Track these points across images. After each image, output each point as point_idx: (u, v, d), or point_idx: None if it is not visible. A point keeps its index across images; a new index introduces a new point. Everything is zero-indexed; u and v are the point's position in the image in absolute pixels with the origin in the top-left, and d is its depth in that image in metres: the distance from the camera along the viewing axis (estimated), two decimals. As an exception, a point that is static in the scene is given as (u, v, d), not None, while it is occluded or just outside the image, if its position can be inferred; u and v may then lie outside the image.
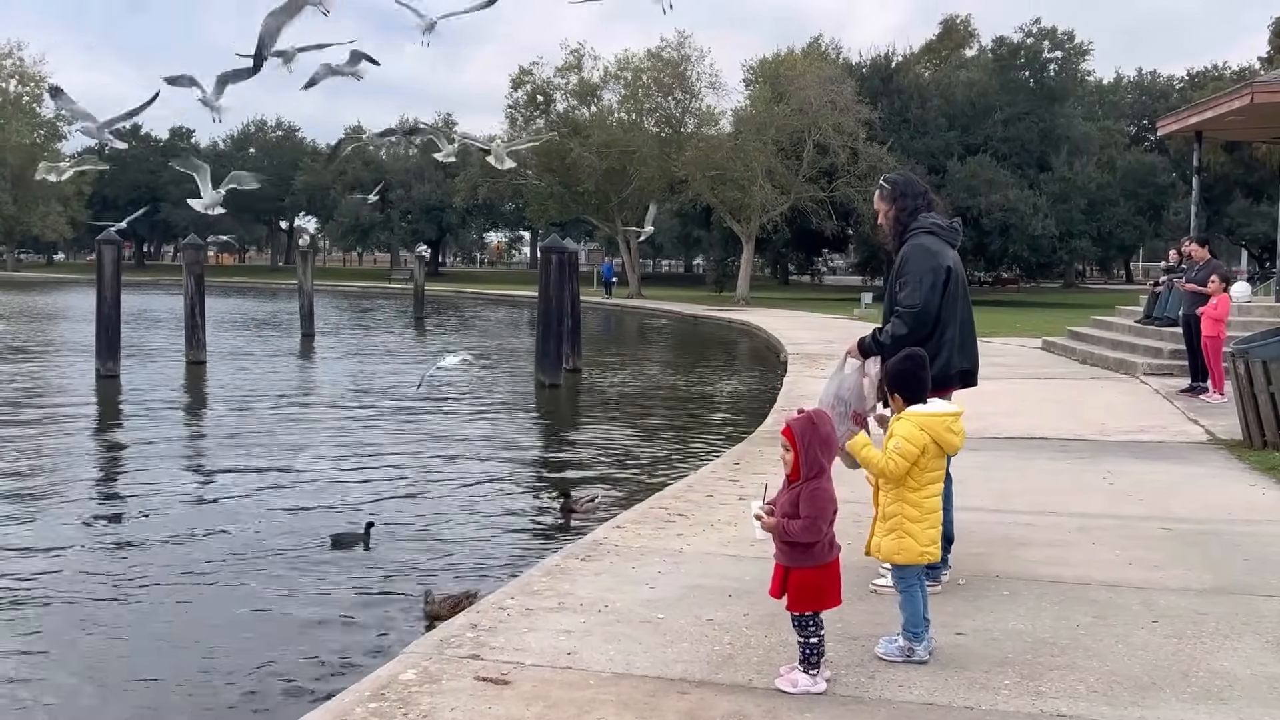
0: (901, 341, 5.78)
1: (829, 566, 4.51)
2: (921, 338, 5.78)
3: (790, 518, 4.44)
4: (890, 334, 5.93)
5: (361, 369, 24.81)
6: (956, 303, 6.00)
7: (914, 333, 5.83)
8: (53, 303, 52.11)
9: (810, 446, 4.45)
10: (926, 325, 5.88)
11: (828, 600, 4.52)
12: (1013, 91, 58.69)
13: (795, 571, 4.48)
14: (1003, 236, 52.86)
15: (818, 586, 4.48)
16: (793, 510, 4.45)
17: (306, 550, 8.98)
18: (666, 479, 10.53)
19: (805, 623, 4.50)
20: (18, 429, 15.38)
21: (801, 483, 4.47)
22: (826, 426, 4.52)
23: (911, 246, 6.00)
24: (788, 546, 4.48)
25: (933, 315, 5.89)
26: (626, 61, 58.73)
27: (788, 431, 4.52)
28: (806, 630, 4.50)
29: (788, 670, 4.56)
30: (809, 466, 4.46)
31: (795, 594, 4.48)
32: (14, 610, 7.46)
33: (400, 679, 4.64)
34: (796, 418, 4.54)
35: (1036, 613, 5.54)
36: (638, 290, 60.76)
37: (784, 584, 4.52)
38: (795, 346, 25.04)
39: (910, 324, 5.87)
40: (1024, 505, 8.11)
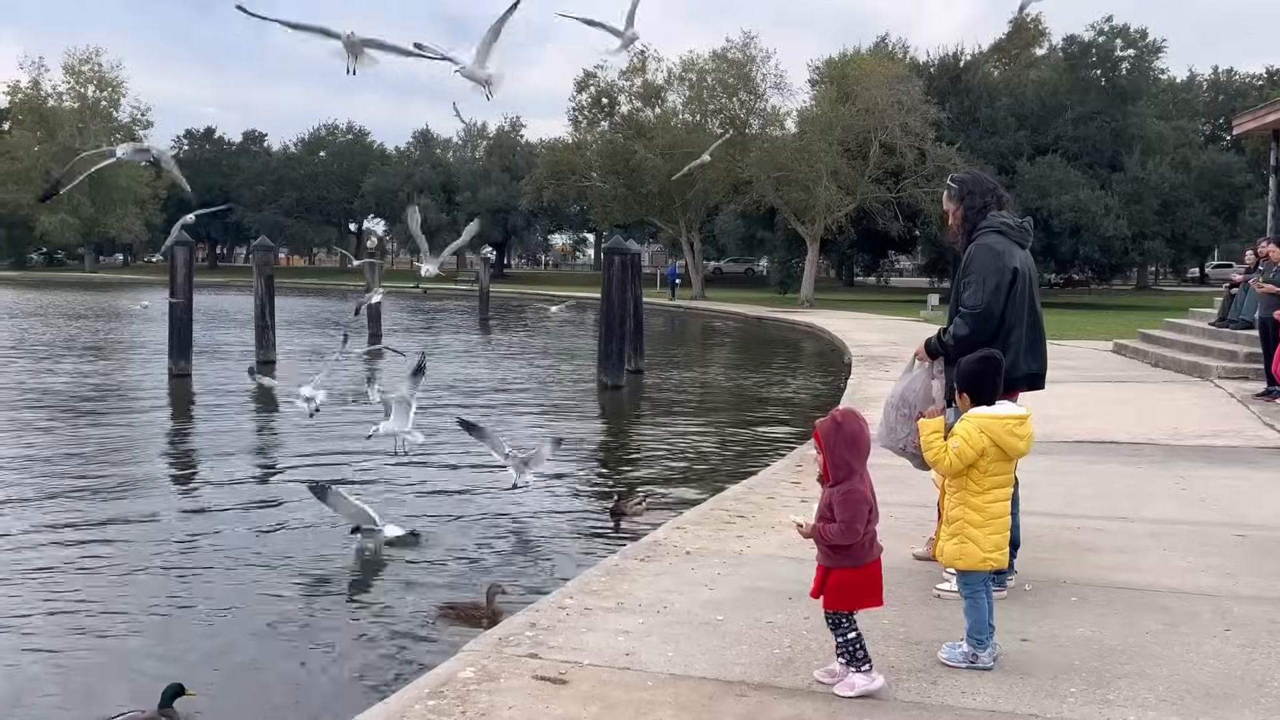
0: (963, 343, 5.68)
1: (868, 567, 4.46)
2: (985, 339, 5.68)
3: (826, 520, 4.40)
4: (952, 335, 5.84)
5: (426, 367, 24.96)
6: (1024, 304, 5.89)
7: (975, 334, 5.73)
8: (128, 303, 53.22)
9: (836, 448, 4.40)
10: (990, 327, 5.78)
11: (866, 600, 4.47)
12: (1084, 90, 57.66)
13: (834, 572, 4.44)
14: (1073, 238, 51.95)
15: (856, 586, 4.43)
16: (828, 512, 4.41)
17: (355, 547, 9.05)
18: (727, 480, 10.47)
19: (839, 620, 4.45)
20: (90, 427, 15.70)
21: (832, 485, 4.42)
22: (852, 426, 4.45)
23: (977, 246, 5.90)
24: (828, 548, 4.43)
25: (996, 317, 5.79)
26: (691, 63, 58.67)
27: (815, 433, 4.50)
28: (841, 627, 4.45)
29: (840, 672, 4.50)
30: (837, 468, 4.42)
31: (832, 593, 4.43)
32: (86, 599, 7.61)
33: (459, 677, 4.65)
34: (823, 419, 4.50)
35: (1105, 619, 5.42)
36: (701, 292, 60.64)
37: (824, 584, 4.47)
38: (860, 348, 24.83)
39: (971, 325, 5.78)
40: (1093, 510, 7.95)
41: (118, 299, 57.64)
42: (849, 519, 4.36)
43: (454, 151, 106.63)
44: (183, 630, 7.14)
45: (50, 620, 7.30)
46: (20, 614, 7.40)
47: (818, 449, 4.49)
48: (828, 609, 4.46)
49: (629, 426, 16.69)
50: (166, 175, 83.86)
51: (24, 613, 7.44)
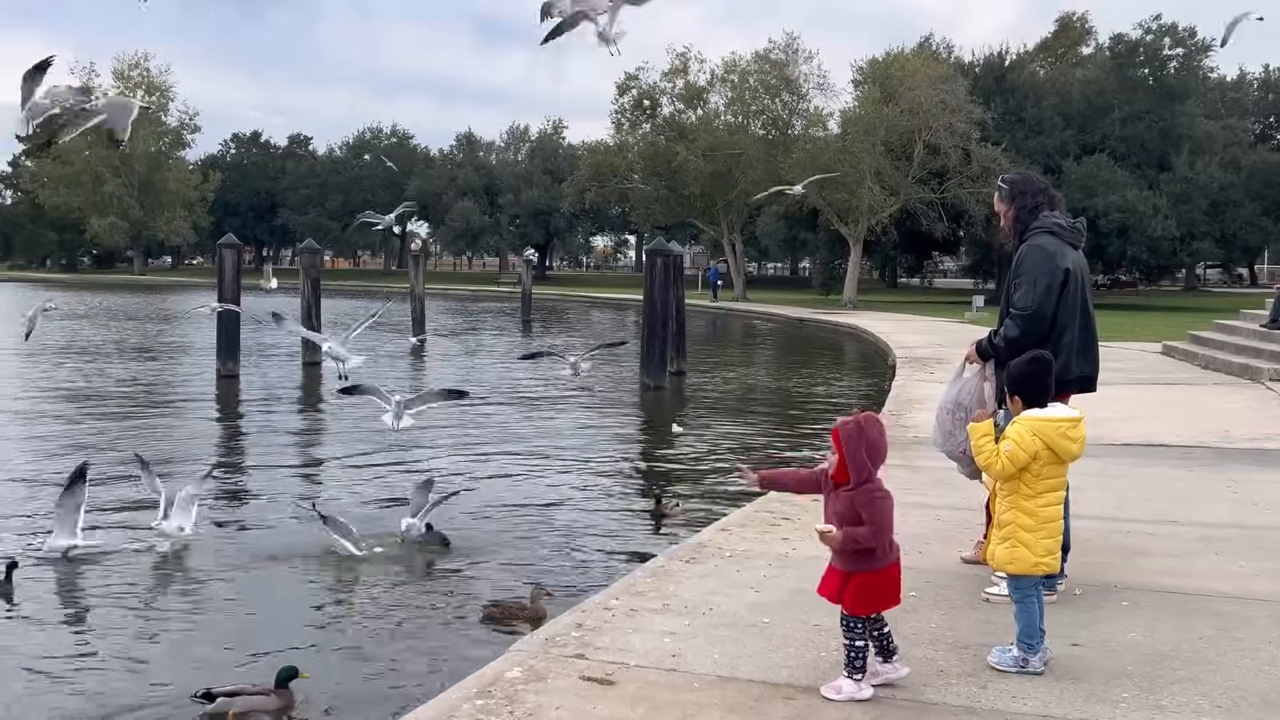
0: (1014, 344, 5.63)
1: (889, 569, 4.43)
2: (1036, 341, 5.62)
3: (849, 521, 4.37)
4: (1003, 337, 5.79)
5: (470, 370, 25.15)
6: (1076, 305, 5.83)
7: (1026, 336, 5.68)
8: (176, 305, 53.88)
9: (858, 451, 4.38)
10: (1041, 328, 5.72)
11: (885, 602, 4.45)
12: (1131, 90, 56.99)
13: (857, 575, 4.40)
14: (1120, 238, 51.35)
15: (875, 589, 4.40)
16: (852, 516, 4.37)
17: (407, 545, 9.11)
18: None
19: (854, 625, 4.42)
20: (140, 424, 15.91)
21: (852, 488, 4.39)
22: (873, 433, 4.42)
23: (1029, 247, 5.85)
24: (850, 552, 4.41)
25: (1047, 318, 5.73)
26: (733, 64, 58.59)
27: (834, 434, 4.47)
28: (854, 633, 4.42)
29: (880, 671, 4.50)
30: (857, 470, 4.38)
31: (855, 597, 4.40)
32: (135, 586, 7.72)
33: (506, 676, 4.67)
34: (844, 421, 4.47)
35: (1156, 624, 5.35)
36: (743, 293, 60.53)
37: (840, 587, 4.44)
38: (904, 350, 24.67)
39: (1022, 327, 5.73)
40: (1143, 514, 7.85)
41: (169, 301, 58.38)
42: (879, 520, 4.34)
43: (496, 154, 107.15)
44: (225, 627, 7.22)
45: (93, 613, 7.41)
46: (82, 602, 7.52)
47: (834, 449, 4.46)
48: (853, 613, 4.43)
49: (671, 428, 16.69)
50: (212, 179, 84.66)
51: (85, 602, 7.56)
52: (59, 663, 6.59)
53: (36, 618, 7.46)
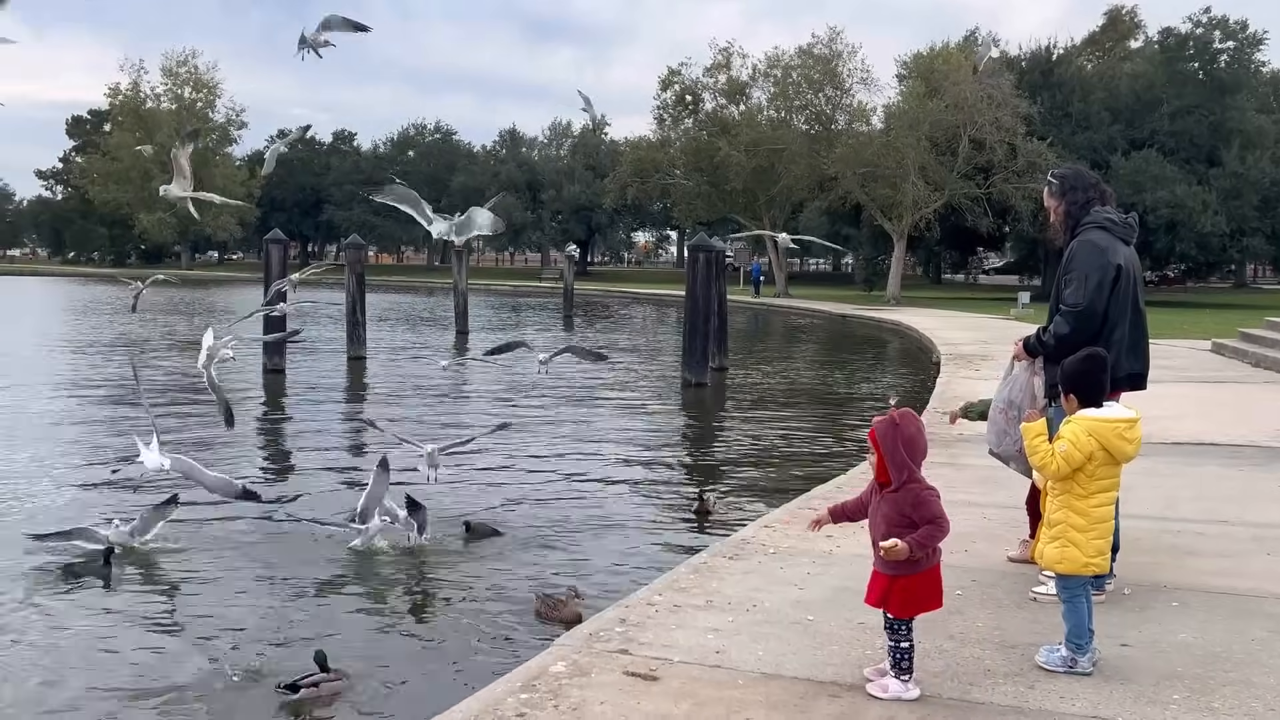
0: (1064, 341, 5.57)
1: (932, 571, 4.39)
2: (1087, 338, 5.55)
3: (899, 525, 4.32)
4: (1053, 334, 5.72)
5: (512, 366, 25.22)
6: (1128, 302, 5.76)
7: (1077, 333, 5.61)
8: (224, 299, 54.50)
9: (895, 449, 4.32)
10: (1092, 325, 5.65)
11: (929, 604, 4.41)
12: (1180, 84, 56.24)
13: (901, 579, 4.36)
14: (1169, 234, 50.70)
15: (919, 591, 4.36)
16: (898, 517, 4.31)
17: (448, 540, 9.16)
18: (815, 479, 10.40)
19: (899, 627, 4.38)
20: (188, 418, 16.09)
21: (896, 489, 4.34)
22: (910, 428, 4.36)
23: (1080, 242, 5.78)
24: (929, 548, 4.35)
25: (1098, 315, 5.66)
26: (776, 59, 58.39)
27: (870, 434, 4.42)
28: (899, 634, 4.38)
29: (877, 675, 4.46)
30: (898, 470, 4.33)
31: (901, 600, 4.36)
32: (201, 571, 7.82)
33: (550, 671, 4.69)
34: (879, 419, 4.43)
35: (1208, 625, 5.28)
36: (785, 289, 60.32)
37: (885, 591, 4.39)
38: (948, 347, 24.48)
39: (1073, 324, 5.66)
40: (1193, 513, 7.75)
41: (215, 295, 59.04)
42: (935, 515, 4.29)
43: (539, 150, 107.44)
44: (273, 618, 7.29)
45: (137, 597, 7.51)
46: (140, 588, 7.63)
47: (872, 450, 4.42)
48: (897, 616, 4.39)
49: (713, 424, 16.66)
50: (259, 176, 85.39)
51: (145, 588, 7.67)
52: (135, 650, 6.69)
53: (118, 605, 7.57)
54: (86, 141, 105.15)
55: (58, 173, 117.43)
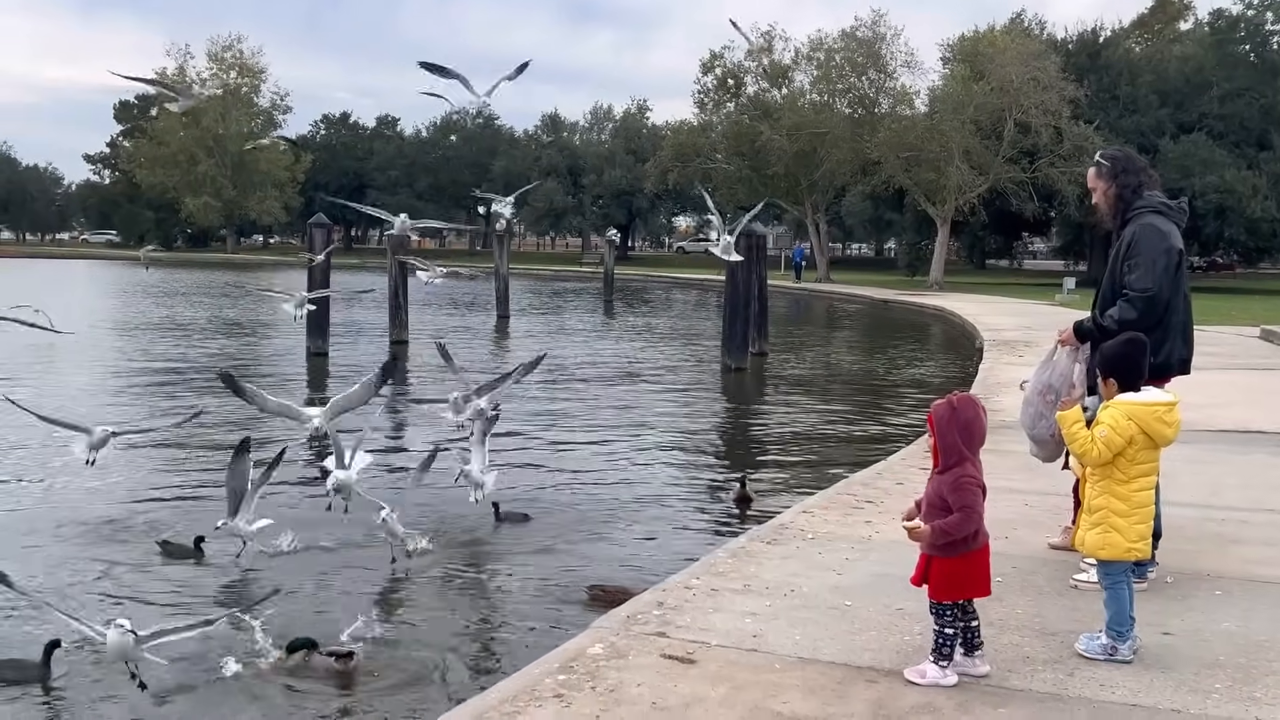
0: (1129, 327, 5.51)
1: (973, 556, 4.35)
2: (1152, 323, 5.51)
3: (936, 507, 4.30)
4: (1117, 319, 5.63)
5: (552, 349, 25.30)
6: (1181, 288, 5.72)
7: (1144, 318, 5.55)
8: (270, 282, 54.98)
9: (949, 432, 4.32)
10: (1157, 310, 5.61)
11: (972, 590, 4.38)
12: (1231, 66, 55.30)
13: (938, 561, 4.35)
14: (1218, 219, 49.92)
15: (960, 575, 4.34)
16: (937, 500, 4.32)
17: (486, 521, 9.21)
18: (855, 465, 10.37)
19: (943, 611, 4.36)
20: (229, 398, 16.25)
21: (942, 471, 4.33)
22: (968, 412, 4.35)
23: (1142, 226, 5.71)
24: (957, 536, 4.34)
25: (1165, 300, 5.62)
26: (819, 42, 57.98)
27: (929, 417, 4.42)
28: (943, 619, 4.36)
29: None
30: (947, 453, 4.33)
31: (937, 583, 4.35)
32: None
33: (588, 653, 4.72)
34: (938, 402, 4.41)
35: (1251, 614, 5.22)
36: (826, 275, 60.01)
37: (923, 573, 4.40)
38: (991, 332, 24.29)
39: (1141, 308, 5.59)
40: (1238, 501, 7.66)
41: (260, 279, 59.58)
42: (967, 504, 4.27)
43: (580, 134, 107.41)
44: (310, 601, 7.38)
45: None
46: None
47: (930, 433, 4.42)
48: (935, 599, 4.38)
49: (752, 408, 16.64)
50: (304, 160, 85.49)
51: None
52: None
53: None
54: (134, 126, 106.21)
55: (105, 157, 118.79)
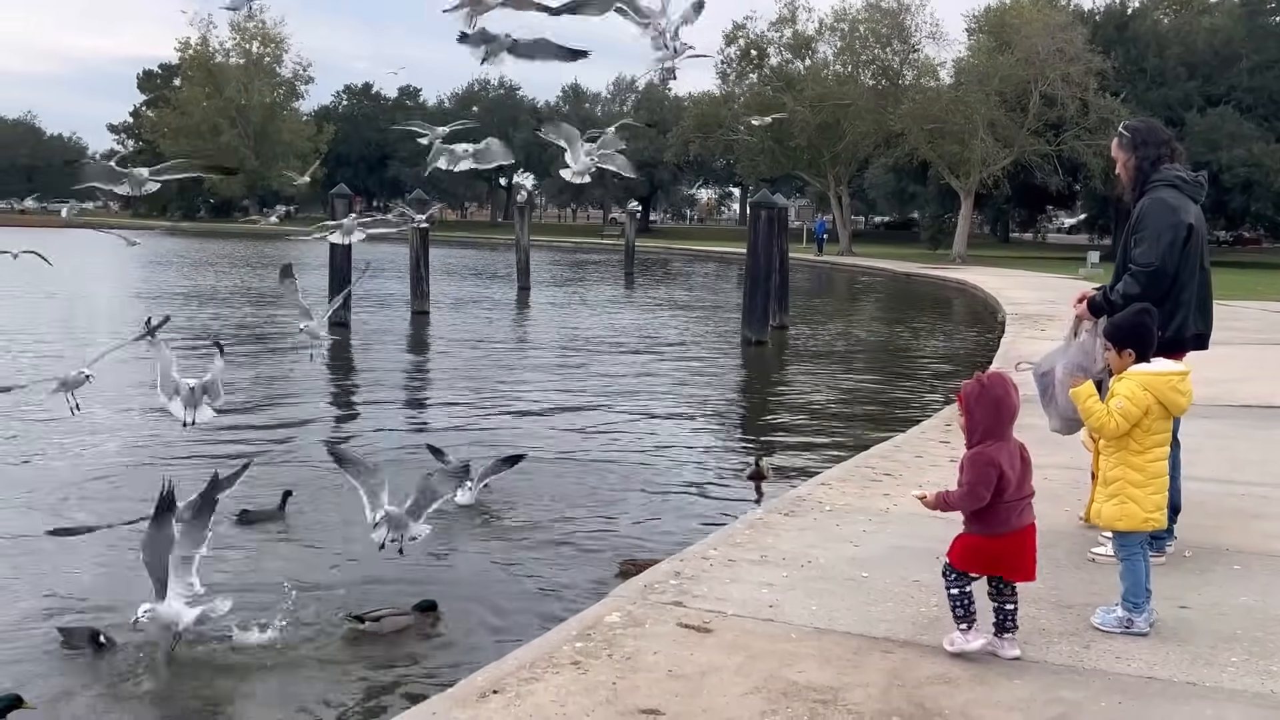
0: (1133, 301, 5.49)
1: (1005, 539, 4.32)
2: (1157, 298, 5.48)
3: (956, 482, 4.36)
4: (1122, 292, 5.63)
5: (573, 321, 25.34)
6: (1197, 262, 5.68)
7: (1147, 292, 5.52)
8: (289, 253, 55.22)
9: (976, 410, 4.32)
10: (1162, 285, 5.57)
11: (996, 568, 4.35)
12: (1261, 38, 54.64)
13: (963, 536, 4.38)
14: (1245, 194, 49.48)
15: (983, 553, 4.33)
16: (958, 476, 4.35)
17: (500, 487, 9.25)
18: (874, 438, 10.36)
19: (948, 573, 4.37)
20: (255, 368, 16.39)
21: (968, 447, 4.35)
22: (997, 390, 4.33)
23: (1151, 200, 5.68)
24: (967, 511, 4.36)
25: (1170, 275, 5.59)
26: (843, 13, 57.58)
27: (959, 395, 4.43)
28: (948, 581, 4.37)
29: (994, 640, 4.46)
30: (972, 431, 4.34)
31: (959, 554, 4.37)
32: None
33: (605, 621, 4.75)
34: (967, 381, 4.42)
35: (1270, 588, 5.21)
36: (849, 247, 59.79)
37: (953, 541, 4.44)
38: (1014, 306, 24.18)
39: (1144, 283, 5.57)
40: (1259, 476, 7.63)
41: (281, 249, 59.78)
42: (972, 481, 4.27)
43: (602, 106, 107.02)
44: (327, 566, 7.45)
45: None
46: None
47: (961, 411, 4.42)
48: (947, 559, 4.40)
49: (772, 381, 16.64)
50: (326, 131, 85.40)
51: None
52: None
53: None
54: (157, 96, 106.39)
55: (129, 126, 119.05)
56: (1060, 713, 3.91)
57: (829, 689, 4.08)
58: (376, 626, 6.15)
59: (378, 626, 6.15)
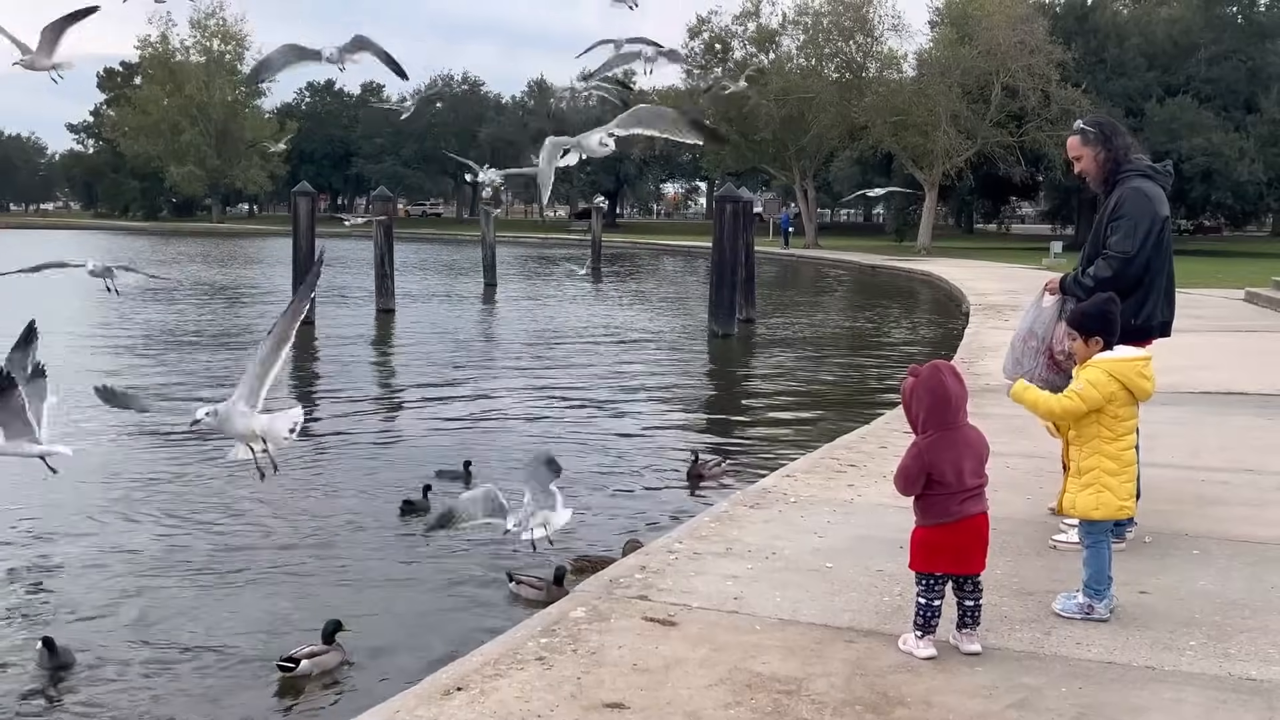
0: (1104, 285, 5.54)
1: (947, 529, 4.28)
2: (1127, 284, 5.56)
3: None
4: (1094, 276, 5.69)
5: (538, 316, 25.30)
6: (1165, 251, 5.76)
7: (1119, 278, 5.60)
8: (255, 251, 54.78)
9: (911, 403, 4.35)
10: (1134, 273, 5.66)
11: (944, 564, 4.29)
12: (1218, 28, 55.25)
13: (915, 529, 4.38)
14: (1204, 183, 50.02)
15: (934, 545, 4.29)
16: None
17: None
18: (838, 429, 10.40)
19: (918, 579, 4.35)
20: (218, 367, 16.25)
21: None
22: (932, 380, 4.31)
23: (1130, 190, 5.73)
24: (914, 504, 4.38)
25: (1142, 263, 5.67)
26: (805, 6, 57.70)
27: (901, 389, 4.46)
28: (917, 586, 4.35)
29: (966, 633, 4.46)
30: (914, 423, 4.37)
31: (913, 552, 4.36)
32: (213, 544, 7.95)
33: (570, 616, 4.74)
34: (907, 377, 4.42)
35: (1228, 573, 5.27)
36: (814, 240, 59.98)
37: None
38: (978, 297, 24.33)
39: (1117, 269, 5.64)
40: (1219, 462, 7.70)
41: (242, 246, 59.33)
42: (902, 465, 4.32)
43: (567, 101, 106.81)
44: (297, 573, 7.41)
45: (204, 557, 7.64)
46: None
47: (903, 405, 4.46)
48: (910, 567, 4.40)
49: (739, 375, 16.68)
50: (289, 127, 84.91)
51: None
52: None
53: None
54: (118, 94, 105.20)
55: (89, 126, 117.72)
56: (1021, 698, 3.94)
57: (793, 679, 4.09)
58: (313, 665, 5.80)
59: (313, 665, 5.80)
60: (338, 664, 5.87)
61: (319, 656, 5.81)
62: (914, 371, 4.40)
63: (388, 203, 27.87)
